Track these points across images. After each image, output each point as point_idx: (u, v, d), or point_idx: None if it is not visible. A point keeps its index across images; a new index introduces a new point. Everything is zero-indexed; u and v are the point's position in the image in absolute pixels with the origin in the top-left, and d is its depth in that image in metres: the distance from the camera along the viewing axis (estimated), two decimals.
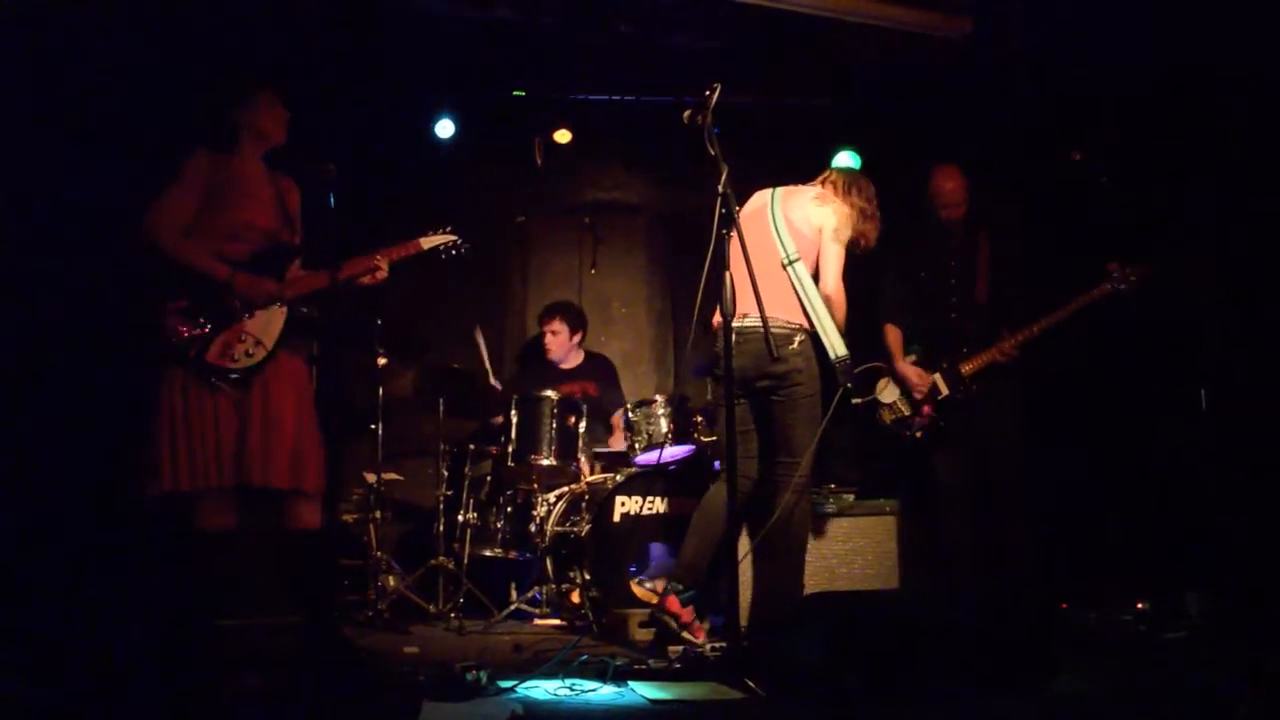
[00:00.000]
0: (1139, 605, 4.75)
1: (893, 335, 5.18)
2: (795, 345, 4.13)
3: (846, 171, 4.48)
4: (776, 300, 4.08)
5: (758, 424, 4.30)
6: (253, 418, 3.80)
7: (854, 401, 4.19)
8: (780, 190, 4.39)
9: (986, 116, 5.91)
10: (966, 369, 4.95)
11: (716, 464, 5.31)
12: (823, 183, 4.40)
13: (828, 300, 4.18)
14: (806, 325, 4.16)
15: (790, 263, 4.16)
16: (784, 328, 4.11)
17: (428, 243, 4.34)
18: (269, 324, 3.89)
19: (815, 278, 4.24)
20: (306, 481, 3.88)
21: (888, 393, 5.17)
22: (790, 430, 4.15)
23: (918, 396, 5.03)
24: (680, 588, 4.18)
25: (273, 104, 4.09)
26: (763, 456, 4.31)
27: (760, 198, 4.43)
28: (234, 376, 3.79)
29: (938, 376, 5.01)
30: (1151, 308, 4.85)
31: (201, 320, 3.80)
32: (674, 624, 4.09)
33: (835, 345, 4.11)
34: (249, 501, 3.82)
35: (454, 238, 4.39)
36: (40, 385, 4.72)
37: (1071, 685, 3.33)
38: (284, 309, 3.93)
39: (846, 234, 4.25)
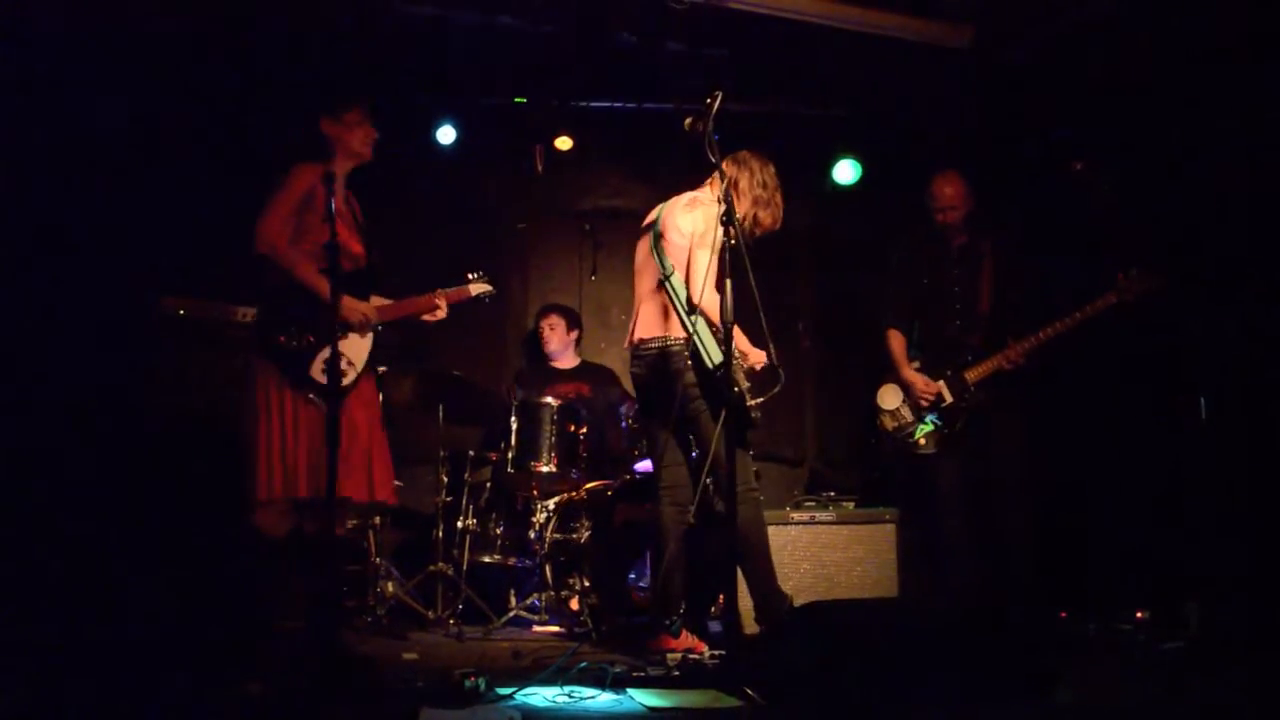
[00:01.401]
0: (1138, 615, 4.75)
1: (896, 341, 5.18)
2: (686, 360, 4.11)
3: (734, 160, 4.34)
4: (662, 318, 4.09)
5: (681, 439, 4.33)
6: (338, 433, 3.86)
7: (751, 404, 4.13)
8: (668, 203, 4.35)
9: (988, 125, 5.92)
10: (971, 376, 4.95)
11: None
12: (711, 183, 4.32)
13: (698, 310, 4.07)
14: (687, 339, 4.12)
15: (666, 278, 4.11)
16: (674, 343, 4.11)
17: (475, 289, 4.63)
18: (359, 345, 4.01)
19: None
20: (388, 494, 4.12)
21: (890, 399, 5.16)
22: (708, 443, 4.11)
23: (923, 404, 5.02)
24: (666, 623, 4.17)
25: (362, 121, 4.16)
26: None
27: (651, 214, 4.40)
28: (329, 393, 3.84)
29: (942, 384, 5.01)
30: (1152, 315, 4.85)
31: (305, 334, 3.87)
32: (672, 658, 4.06)
33: (711, 354, 4.02)
34: (303, 511, 3.88)
35: (491, 289, 4.69)
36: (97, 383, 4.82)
37: (1070, 695, 3.32)
38: (372, 333, 4.03)
39: (717, 235, 4.19)
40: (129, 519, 4.84)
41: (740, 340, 4.16)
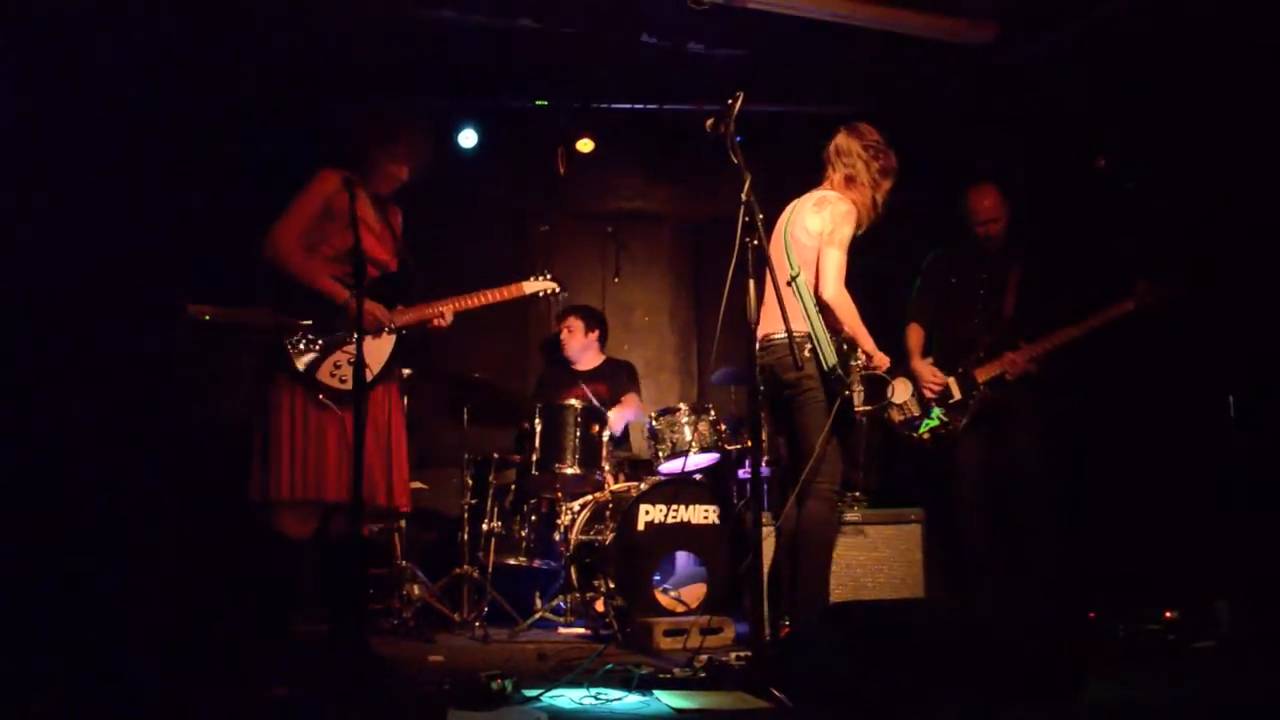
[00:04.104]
0: (1168, 614, 4.70)
1: (914, 335, 5.15)
2: (806, 353, 4.12)
3: (841, 150, 4.33)
4: (790, 313, 4.09)
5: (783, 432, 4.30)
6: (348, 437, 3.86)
7: (858, 409, 4.13)
8: (798, 201, 4.36)
9: (1010, 123, 5.88)
10: (981, 375, 4.93)
11: (741, 472, 5.31)
12: (829, 180, 4.34)
13: (826, 307, 4.11)
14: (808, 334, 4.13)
15: (793, 278, 4.13)
16: (797, 337, 4.10)
17: (530, 286, 4.60)
18: (377, 350, 4.02)
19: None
20: (404, 501, 4.06)
21: (899, 392, 5.12)
22: (808, 436, 4.13)
23: (928, 394, 5.01)
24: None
25: (410, 159, 4.18)
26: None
27: (785, 212, 4.40)
28: (338, 396, 3.87)
29: (951, 380, 4.99)
30: (1181, 313, 4.81)
31: (313, 338, 3.89)
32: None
33: (826, 356, 4.05)
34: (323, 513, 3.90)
35: (555, 286, 4.66)
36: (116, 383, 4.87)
37: (1099, 696, 3.30)
38: (392, 336, 4.06)
39: (846, 232, 4.16)
40: (152, 522, 4.88)
41: (867, 343, 4.21)
